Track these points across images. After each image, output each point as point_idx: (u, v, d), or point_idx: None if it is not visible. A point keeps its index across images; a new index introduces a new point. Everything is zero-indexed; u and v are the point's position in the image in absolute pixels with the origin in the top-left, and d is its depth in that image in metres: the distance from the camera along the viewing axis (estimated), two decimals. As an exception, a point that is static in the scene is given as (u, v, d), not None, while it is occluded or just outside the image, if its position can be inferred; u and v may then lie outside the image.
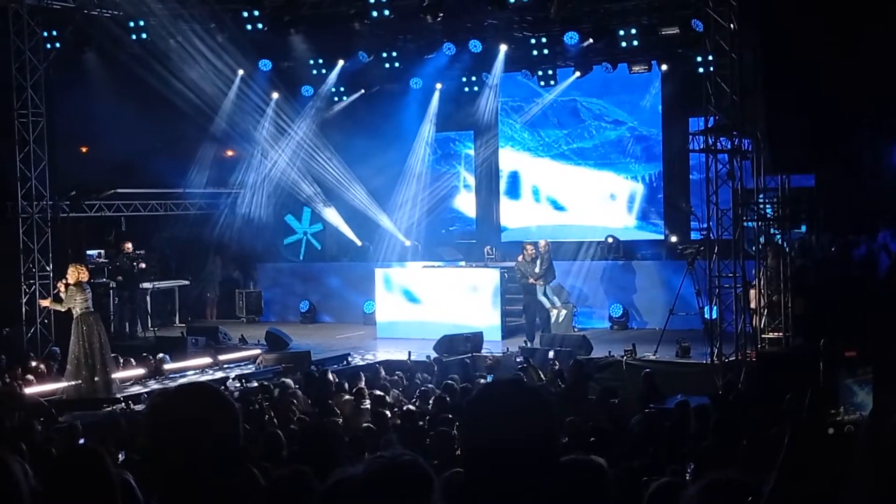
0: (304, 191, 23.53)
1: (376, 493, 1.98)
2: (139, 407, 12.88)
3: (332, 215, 23.75)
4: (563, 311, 18.12)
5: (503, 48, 20.51)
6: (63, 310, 14.27)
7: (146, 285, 20.93)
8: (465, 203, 24.03)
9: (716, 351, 14.87)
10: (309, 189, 23.49)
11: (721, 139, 15.19)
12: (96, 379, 13.97)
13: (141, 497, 3.42)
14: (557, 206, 23.00)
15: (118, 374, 14.69)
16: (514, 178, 23.41)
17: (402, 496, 1.99)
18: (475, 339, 17.20)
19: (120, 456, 7.69)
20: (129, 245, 20.23)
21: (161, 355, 16.19)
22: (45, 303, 15.86)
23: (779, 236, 15.93)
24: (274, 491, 3.35)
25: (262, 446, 7.11)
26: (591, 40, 19.30)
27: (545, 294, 18.00)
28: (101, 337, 14.16)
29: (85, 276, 14.23)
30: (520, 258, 18.34)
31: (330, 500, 2.17)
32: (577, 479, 3.11)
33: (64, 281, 14.20)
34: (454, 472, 3.93)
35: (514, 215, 23.42)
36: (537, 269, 17.99)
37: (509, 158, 23.42)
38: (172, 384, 13.73)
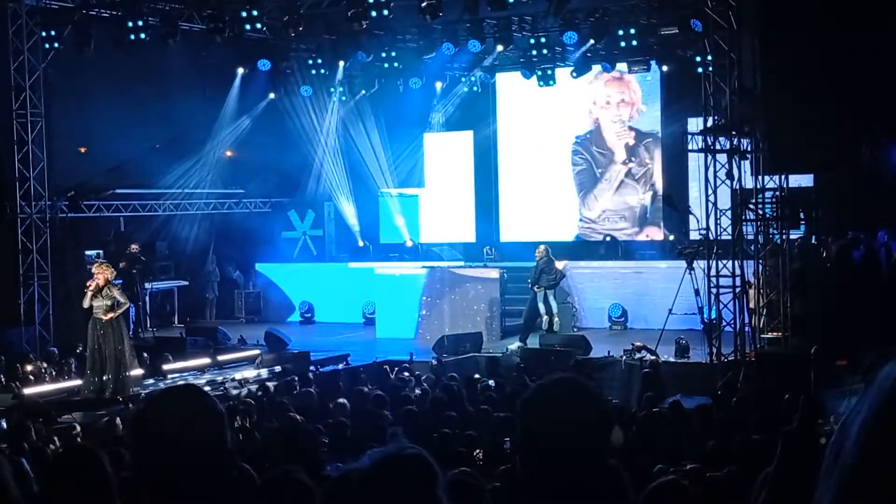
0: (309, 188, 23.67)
1: (381, 486, 1.98)
2: (137, 408, 12.81)
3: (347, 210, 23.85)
4: (557, 321, 17.99)
5: (501, 48, 20.49)
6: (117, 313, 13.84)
7: (145, 286, 20.89)
8: (464, 202, 23.99)
9: (715, 351, 14.86)
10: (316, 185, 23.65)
11: (720, 139, 15.19)
12: (107, 378, 13.84)
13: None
14: (557, 206, 22.96)
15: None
16: (514, 178, 23.38)
17: (406, 489, 1.99)
18: (474, 340, 17.18)
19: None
20: (135, 246, 20.19)
21: (164, 355, 16.17)
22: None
23: (778, 236, 15.91)
24: (265, 491, 3.35)
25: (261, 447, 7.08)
26: (590, 40, 19.31)
27: (545, 300, 17.92)
28: (124, 340, 14.04)
29: (112, 276, 14.24)
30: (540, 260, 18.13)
31: (335, 493, 2.17)
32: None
33: (95, 283, 13.79)
34: (461, 471, 3.93)
35: (514, 215, 23.40)
36: (536, 275, 17.90)
37: (508, 157, 23.40)
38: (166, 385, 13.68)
